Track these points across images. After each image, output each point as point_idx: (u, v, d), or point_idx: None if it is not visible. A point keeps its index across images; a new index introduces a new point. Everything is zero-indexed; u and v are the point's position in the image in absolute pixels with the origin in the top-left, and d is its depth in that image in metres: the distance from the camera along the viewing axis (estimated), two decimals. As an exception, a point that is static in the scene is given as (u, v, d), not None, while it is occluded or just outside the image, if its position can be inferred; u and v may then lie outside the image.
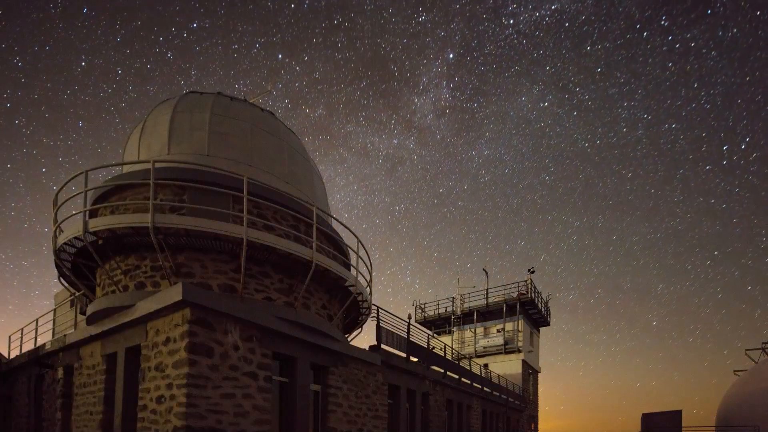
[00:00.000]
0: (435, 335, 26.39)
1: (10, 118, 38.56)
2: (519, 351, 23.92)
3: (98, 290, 7.72)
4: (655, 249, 62.88)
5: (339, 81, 53.10)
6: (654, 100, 54.33)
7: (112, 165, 6.75)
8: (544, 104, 55.59)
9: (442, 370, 13.63)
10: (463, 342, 25.78)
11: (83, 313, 8.95)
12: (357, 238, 8.51)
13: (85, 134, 43.72)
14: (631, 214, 62.36)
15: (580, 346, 66.58)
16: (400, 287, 68.19)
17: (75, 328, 9.64)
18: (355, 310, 10.05)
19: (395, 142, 58.08)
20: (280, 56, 50.26)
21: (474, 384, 16.66)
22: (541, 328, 28.35)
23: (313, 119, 54.64)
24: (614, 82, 54.11)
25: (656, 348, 66.01)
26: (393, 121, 57.61)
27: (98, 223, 6.31)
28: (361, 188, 61.02)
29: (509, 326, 24.36)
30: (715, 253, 60.49)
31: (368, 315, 10.27)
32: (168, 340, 5.81)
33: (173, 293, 5.45)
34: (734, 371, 24.36)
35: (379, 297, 71.84)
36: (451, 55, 52.82)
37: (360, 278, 8.87)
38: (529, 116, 56.59)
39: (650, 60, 52.13)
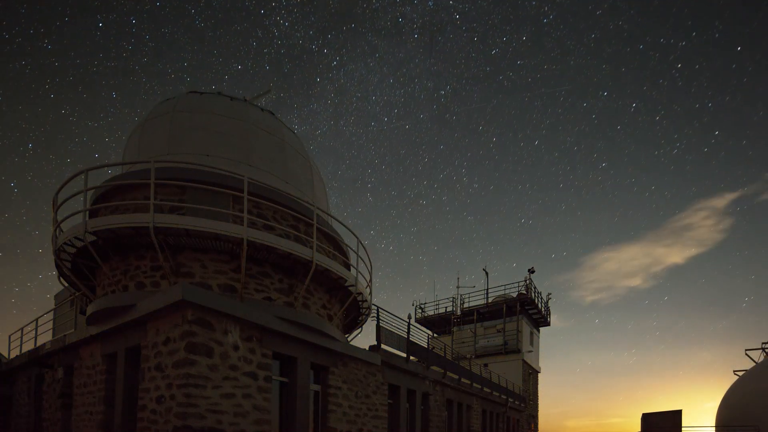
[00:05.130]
0: (435, 335, 26.39)
1: (57, 109, 38.16)
2: (519, 351, 23.94)
3: (98, 290, 7.72)
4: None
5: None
6: None
7: (113, 165, 6.75)
8: None
9: (442, 370, 13.63)
10: (463, 342, 25.78)
11: (83, 313, 8.95)
12: (357, 237, 8.54)
13: (121, 105, 42.61)
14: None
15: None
16: (456, 190, 56.03)
17: (75, 328, 9.64)
18: (355, 310, 10.05)
19: (431, 4, 44.81)
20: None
21: (474, 384, 16.66)
22: (541, 328, 28.35)
23: (333, 6, 45.14)
24: None
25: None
26: (425, -23, 44.50)
27: (98, 223, 6.31)
28: (398, 80, 49.55)
29: (509, 326, 24.36)
30: None
31: (368, 315, 10.27)
32: (168, 339, 5.81)
33: (173, 293, 5.45)
34: (734, 371, 24.34)
35: (435, 210, 57.75)
36: None
37: (360, 278, 8.88)
38: None
39: None
